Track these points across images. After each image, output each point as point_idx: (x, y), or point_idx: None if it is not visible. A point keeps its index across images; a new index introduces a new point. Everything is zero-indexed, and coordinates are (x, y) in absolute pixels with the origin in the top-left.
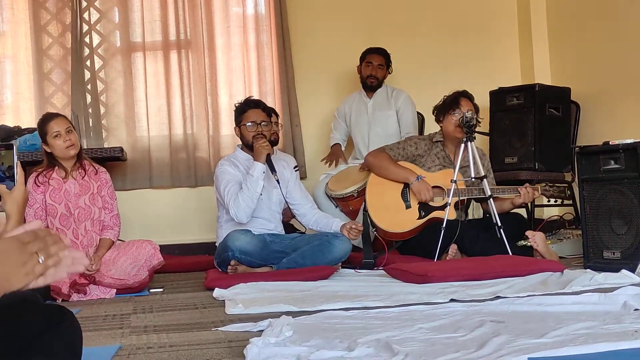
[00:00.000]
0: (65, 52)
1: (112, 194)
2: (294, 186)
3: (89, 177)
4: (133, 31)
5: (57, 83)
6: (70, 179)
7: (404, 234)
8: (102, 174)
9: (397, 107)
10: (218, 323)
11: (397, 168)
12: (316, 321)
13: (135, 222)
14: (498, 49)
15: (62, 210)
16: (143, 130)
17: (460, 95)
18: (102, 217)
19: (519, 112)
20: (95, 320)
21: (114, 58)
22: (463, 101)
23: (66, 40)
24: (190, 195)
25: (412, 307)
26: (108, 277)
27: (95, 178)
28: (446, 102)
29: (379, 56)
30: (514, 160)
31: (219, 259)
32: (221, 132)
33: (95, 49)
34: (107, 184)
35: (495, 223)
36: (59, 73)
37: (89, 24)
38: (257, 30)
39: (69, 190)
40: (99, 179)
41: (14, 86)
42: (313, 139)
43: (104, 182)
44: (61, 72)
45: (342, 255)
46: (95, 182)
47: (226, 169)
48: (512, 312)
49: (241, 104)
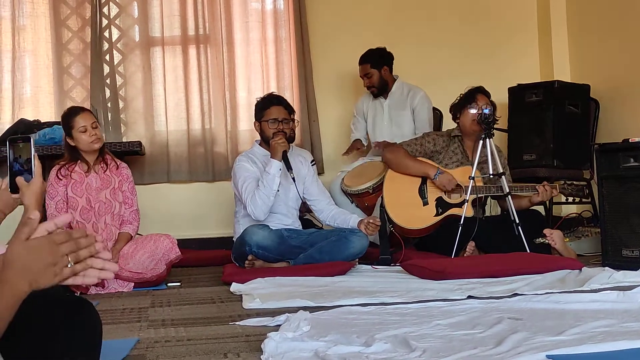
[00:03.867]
0: (84, 47)
1: (132, 190)
2: (312, 182)
3: (110, 172)
4: (152, 26)
5: (76, 77)
6: (92, 173)
7: (421, 231)
8: (123, 169)
9: (413, 106)
10: (235, 317)
11: (416, 163)
12: (333, 316)
13: (153, 216)
14: (517, 46)
15: (83, 204)
16: (161, 125)
17: (476, 91)
18: (122, 211)
19: (537, 109)
20: (114, 314)
21: (133, 52)
22: (479, 96)
23: (86, 34)
24: (207, 190)
25: (429, 304)
26: (126, 271)
27: (116, 173)
28: (462, 98)
29: (364, 65)
30: (533, 158)
31: (236, 254)
32: (239, 127)
33: (115, 44)
34: (128, 179)
35: (513, 220)
36: (78, 67)
37: (108, 19)
38: (275, 26)
39: (90, 184)
40: (120, 174)
41: (34, 80)
42: (330, 134)
43: (125, 177)
44: (81, 66)
45: (359, 251)
46: (117, 177)
47: (244, 165)
48: (530, 310)
49: (264, 99)
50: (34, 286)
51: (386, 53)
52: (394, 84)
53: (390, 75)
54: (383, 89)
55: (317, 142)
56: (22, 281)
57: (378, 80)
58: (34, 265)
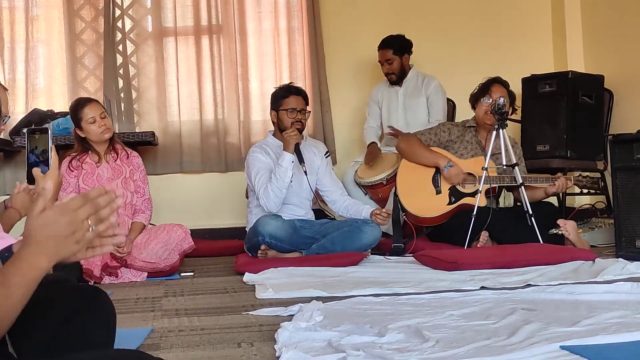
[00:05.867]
0: (97, 37)
1: (144, 179)
2: (325, 173)
3: (121, 161)
4: (165, 16)
5: (89, 67)
6: (103, 163)
7: (434, 219)
8: (134, 158)
9: (427, 95)
10: (249, 307)
11: (428, 152)
12: (346, 307)
13: (165, 206)
14: (531, 36)
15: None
16: (174, 115)
17: (492, 82)
18: (134, 201)
19: (551, 100)
20: (127, 303)
21: (145, 43)
22: (494, 87)
23: (99, 24)
24: (220, 180)
25: (442, 294)
26: (139, 261)
27: (127, 162)
28: (479, 89)
29: (386, 50)
30: (546, 148)
31: (249, 244)
32: (252, 118)
33: (128, 34)
34: (139, 168)
35: (527, 211)
36: (91, 57)
37: (121, 9)
38: (288, 16)
39: (101, 174)
40: (130, 163)
41: (47, 70)
42: (343, 125)
43: (135, 166)
44: (94, 57)
45: (371, 242)
46: (128, 167)
47: (257, 157)
48: (543, 300)
49: (282, 88)
50: (54, 259)
51: (407, 40)
52: (409, 72)
53: (408, 63)
54: (401, 77)
55: (329, 132)
56: (39, 257)
57: (399, 67)
58: (51, 238)
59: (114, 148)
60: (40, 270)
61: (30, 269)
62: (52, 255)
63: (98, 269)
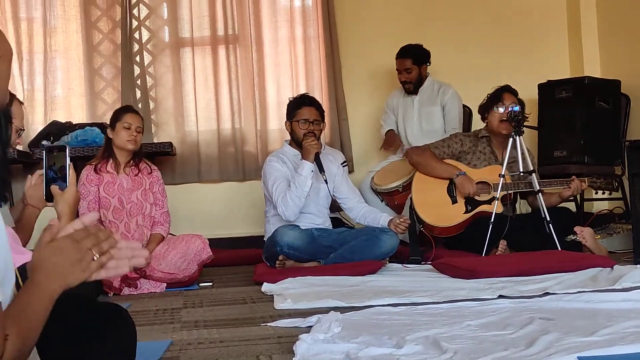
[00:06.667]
0: (115, 48)
1: (163, 192)
2: (341, 180)
3: (141, 174)
4: (181, 27)
5: (107, 78)
6: (123, 174)
7: (451, 229)
8: (154, 172)
9: (443, 103)
10: (267, 318)
11: (441, 165)
12: (364, 317)
13: (184, 215)
14: (546, 41)
15: (115, 204)
16: (192, 125)
17: (503, 90)
18: (153, 213)
19: (568, 105)
20: (147, 315)
21: (162, 53)
22: (505, 95)
23: (116, 36)
24: (238, 190)
25: (460, 304)
26: (158, 272)
27: (147, 175)
28: (489, 98)
29: (404, 60)
30: (563, 154)
31: (267, 254)
32: (269, 127)
33: (145, 45)
34: (159, 181)
35: (544, 218)
36: (109, 69)
37: (138, 20)
38: (304, 24)
39: (122, 184)
40: (151, 176)
41: (65, 82)
42: (360, 133)
43: (155, 179)
44: (111, 68)
45: (389, 250)
46: (147, 179)
47: (274, 165)
48: (561, 309)
49: (296, 99)
50: (65, 285)
51: (426, 51)
52: (425, 81)
53: (426, 73)
54: (417, 86)
55: (346, 140)
56: (51, 282)
57: (416, 77)
58: (61, 265)
59: (137, 164)
60: (53, 293)
61: (43, 294)
62: (62, 281)
63: (117, 280)
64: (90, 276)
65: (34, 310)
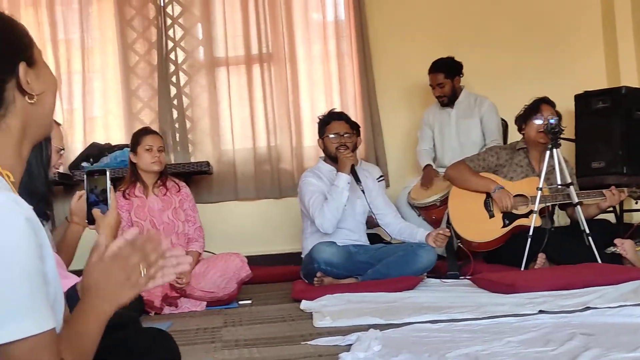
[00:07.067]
0: (151, 69)
1: (193, 207)
2: (377, 195)
3: (170, 193)
4: (216, 46)
5: (144, 99)
6: (152, 195)
7: (489, 244)
8: (182, 188)
9: (480, 115)
10: (307, 336)
11: (477, 178)
12: (404, 334)
13: (222, 233)
14: (582, 52)
15: (148, 227)
16: (228, 144)
17: (541, 102)
18: (187, 229)
19: (605, 116)
20: (187, 334)
21: (198, 73)
22: (544, 106)
23: (152, 57)
24: (275, 207)
25: (500, 319)
26: (198, 290)
27: (177, 194)
28: (527, 109)
29: (436, 74)
30: (601, 165)
31: (305, 271)
32: (304, 144)
33: (180, 65)
34: (188, 197)
35: (583, 230)
36: (146, 89)
37: (173, 41)
38: (337, 39)
39: (152, 206)
40: (180, 193)
41: (103, 103)
42: (396, 148)
43: (184, 195)
44: (148, 89)
45: (427, 265)
46: (177, 197)
47: (310, 181)
48: (603, 324)
49: (325, 116)
50: (116, 304)
51: (457, 63)
52: (460, 93)
53: (460, 85)
54: (453, 99)
55: (382, 156)
56: (102, 304)
57: (450, 90)
58: (110, 286)
59: (164, 183)
60: (105, 314)
61: (95, 315)
62: (113, 301)
63: (158, 299)
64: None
65: (87, 333)
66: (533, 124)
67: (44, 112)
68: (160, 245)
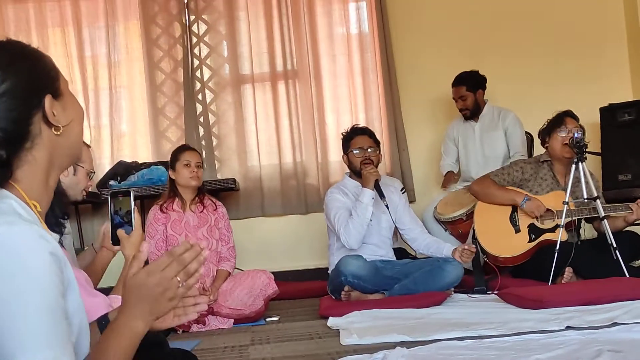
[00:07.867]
0: (177, 87)
1: (228, 227)
2: (403, 211)
3: (206, 211)
4: (242, 64)
5: (171, 117)
6: (189, 211)
7: (515, 259)
8: (219, 207)
9: (504, 128)
10: (334, 354)
11: (504, 192)
12: (431, 352)
13: (249, 249)
14: (607, 65)
15: (182, 241)
16: (254, 160)
17: (564, 115)
18: (220, 248)
19: (631, 128)
20: (215, 353)
21: (224, 91)
22: (568, 120)
23: (178, 75)
24: (301, 222)
25: (527, 336)
26: (225, 308)
27: (213, 212)
28: (550, 123)
29: (459, 87)
30: (628, 178)
31: (332, 287)
32: (329, 159)
33: (206, 83)
34: (224, 217)
35: (611, 244)
36: (172, 107)
37: (199, 59)
38: (361, 53)
39: (188, 222)
40: (216, 212)
41: (130, 121)
42: (421, 163)
43: (221, 215)
44: (174, 107)
45: (454, 281)
46: (213, 215)
47: (335, 197)
48: (631, 340)
49: (348, 131)
50: (150, 320)
51: (481, 76)
52: (484, 107)
53: (483, 99)
54: (475, 112)
55: (407, 170)
56: (136, 322)
57: (472, 103)
58: (143, 300)
59: (202, 200)
60: (137, 334)
61: (127, 335)
62: (147, 316)
63: None
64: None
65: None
66: (557, 138)
67: (70, 142)
68: (201, 255)
